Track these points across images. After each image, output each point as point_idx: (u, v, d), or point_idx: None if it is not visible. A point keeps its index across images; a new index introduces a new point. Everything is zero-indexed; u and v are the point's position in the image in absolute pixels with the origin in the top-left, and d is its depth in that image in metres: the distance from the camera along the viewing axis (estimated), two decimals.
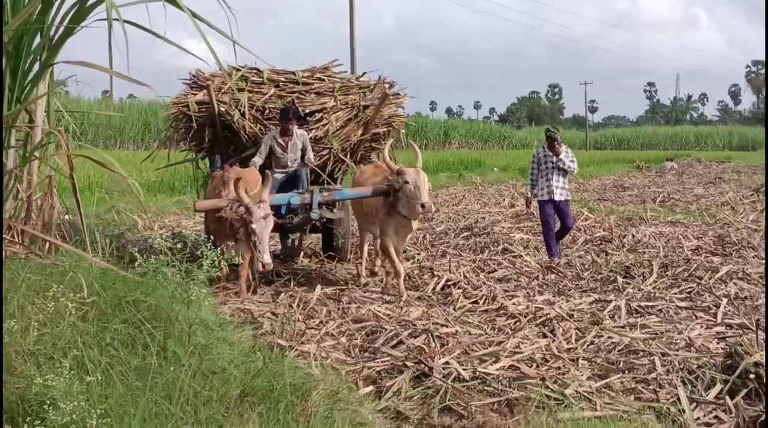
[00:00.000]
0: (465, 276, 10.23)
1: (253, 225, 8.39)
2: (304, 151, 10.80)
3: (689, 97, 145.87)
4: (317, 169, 10.88)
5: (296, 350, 6.58)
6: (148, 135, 48.34)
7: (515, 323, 8.04)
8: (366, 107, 11.52)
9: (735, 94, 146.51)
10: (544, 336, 7.48)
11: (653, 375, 6.17)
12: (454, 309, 8.64)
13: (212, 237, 8.64)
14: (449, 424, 5.47)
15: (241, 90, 11.27)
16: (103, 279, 5.45)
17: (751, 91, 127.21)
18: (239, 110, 10.91)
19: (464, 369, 6.32)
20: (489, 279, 10.24)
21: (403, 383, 6.12)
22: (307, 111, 11.34)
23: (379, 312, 8.36)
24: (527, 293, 9.34)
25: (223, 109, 10.86)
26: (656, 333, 7.50)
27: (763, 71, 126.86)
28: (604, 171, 38.63)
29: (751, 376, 5.61)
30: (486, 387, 6.08)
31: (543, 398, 5.78)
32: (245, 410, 4.56)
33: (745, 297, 8.90)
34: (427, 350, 6.78)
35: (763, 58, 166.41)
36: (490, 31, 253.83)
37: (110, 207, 15.10)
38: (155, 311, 4.92)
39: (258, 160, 10.54)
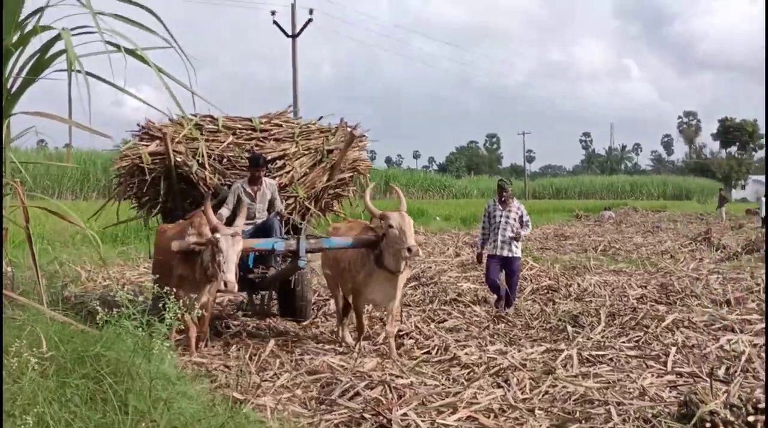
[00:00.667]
0: (416, 327, 10.26)
1: (220, 242, 7.78)
2: (272, 201, 10.17)
3: (623, 146, 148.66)
4: (294, 219, 10.39)
5: (252, 403, 6.51)
6: (86, 184, 47.62)
7: (469, 373, 8.07)
8: (330, 151, 10.98)
9: (668, 144, 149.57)
10: (499, 386, 7.50)
11: (610, 424, 6.26)
12: (408, 359, 8.65)
13: (173, 289, 8.18)
14: None
15: (195, 139, 10.57)
16: (61, 333, 5.35)
17: (683, 141, 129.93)
18: (197, 160, 10.24)
19: (423, 421, 6.33)
20: (440, 329, 10.27)
21: None
22: (269, 158, 10.61)
23: (333, 363, 8.31)
24: (479, 343, 9.39)
25: (179, 160, 10.15)
26: (609, 382, 7.59)
27: (694, 122, 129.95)
28: (545, 220, 39.01)
29: (707, 425, 5.69)
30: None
31: None
32: None
33: (693, 346, 9.05)
34: (384, 402, 6.75)
35: (694, 109, 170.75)
36: (425, 79, 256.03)
37: (53, 258, 14.81)
38: (116, 365, 4.85)
39: (225, 211, 9.79)
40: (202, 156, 10.27)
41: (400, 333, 9.88)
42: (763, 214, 33.13)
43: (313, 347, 9.36)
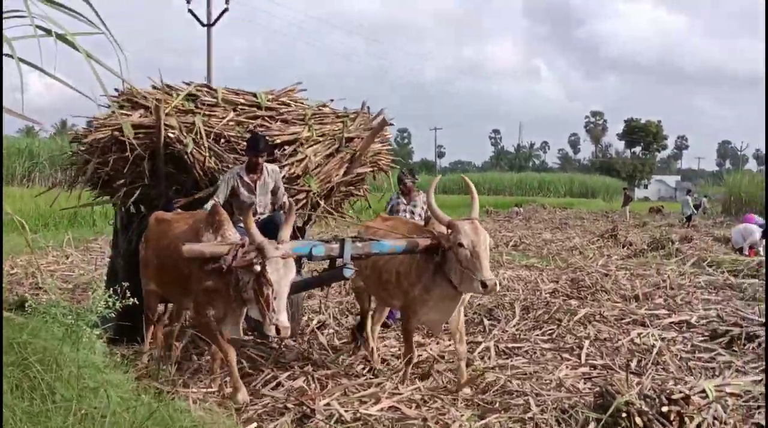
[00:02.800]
0: (334, 318, 10.30)
1: (268, 272, 5.95)
2: (275, 192, 8.41)
3: (532, 144, 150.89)
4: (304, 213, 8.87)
5: (176, 392, 6.46)
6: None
7: (389, 365, 8.15)
8: (349, 140, 9.41)
9: (574, 143, 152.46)
10: (421, 378, 7.61)
11: (529, 414, 6.40)
12: (329, 351, 8.69)
13: (200, 304, 6.64)
14: None
15: (189, 112, 8.95)
16: None
17: (590, 141, 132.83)
18: (193, 138, 8.54)
19: (346, 411, 6.38)
20: (358, 320, 10.32)
21: (285, 425, 6.13)
22: (277, 142, 8.93)
23: (253, 354, 8.30)
24: (397, 335, 9.47)
25: (172, 136, 8.45)
26: (527, 374, 7.78)
27: (601, 122, 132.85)
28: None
29: (623, 415, 5.87)
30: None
31: None
32: None
33: (605, 339, 9.31)
34: (308, 392, 6.80)
35: (600, 109, 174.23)
36: (340, 72, 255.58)
37: None
38: (43, 353, 4.77)
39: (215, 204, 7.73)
40: (199, 133, 8.64)
41: (319, 324, 9.92)
42: (687, 213, 34.14)
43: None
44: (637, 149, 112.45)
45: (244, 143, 8.50)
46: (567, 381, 7.42)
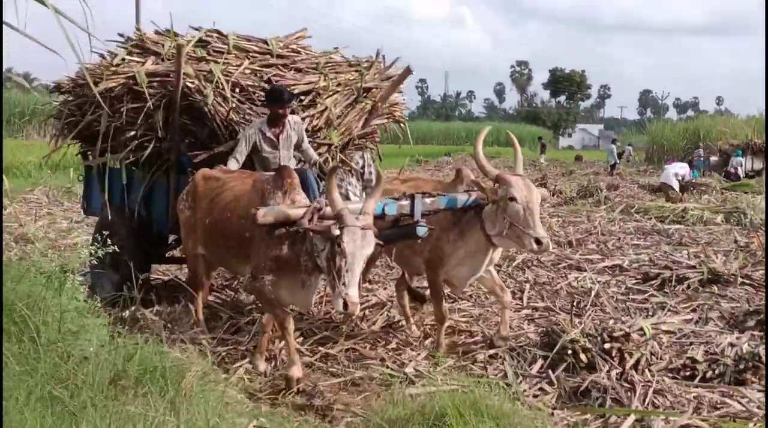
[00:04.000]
0: None
1: (344, 242, 5.38)
2: (298, 145, 7.95)
3: (458, 94, 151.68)
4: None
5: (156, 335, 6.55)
6: None
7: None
8: (367, 90, 8.95)
9: (500, 92, 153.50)
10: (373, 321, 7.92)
11: (481, 356, 6.77)
12: None
13: (267, 274, 6.07)
14: (301, 404, 5.79)
15: (202, 59, 8.45)
16: None
17: (515, 90, 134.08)
18: (214, 88, 7.95)
19: (306, 349, 6.77)
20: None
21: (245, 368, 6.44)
22: (295, 92, 8.23)
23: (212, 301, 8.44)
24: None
25: (191, 85, 7.90)
26: (473, 316, 8.16)
27: (526, 71, 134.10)
28: (386, 164, 39.48)
29: (569, 352, 6.28)
30: (330, 369, 6.50)
31: (386, 377, 6.25)
32: (119, 393, 4.70)
33: (544, 283, 9.74)
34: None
35: (525, 58, 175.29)
36: (257, 22, 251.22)
37: None
38: (29, 298, 4.94)
39: (234, 163, 7.56)
40: (220, 82, 8.03)
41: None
42: (611, 161, 34.96)
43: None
44: (562, 98, 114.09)
45: (261, 93, 8.17)
46: (513, 322, 7.80)
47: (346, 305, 5.29)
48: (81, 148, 9.24)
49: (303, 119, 8.11)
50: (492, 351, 6.80)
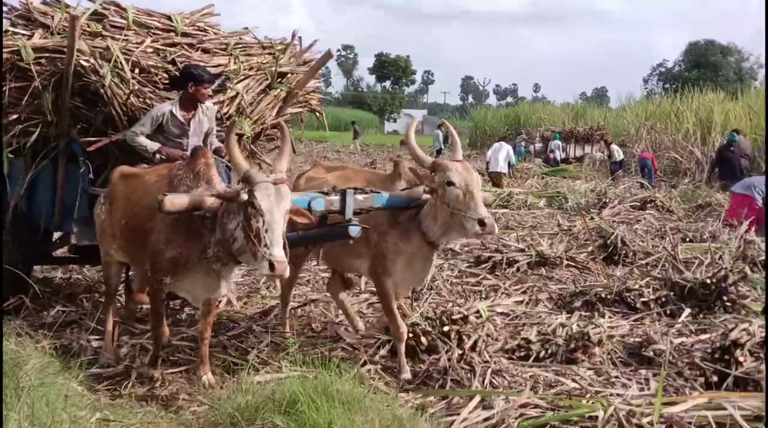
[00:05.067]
0: None
1: (257, 199, 4.93)
2: (207, 134, 7.34)
3: None
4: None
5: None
6: None
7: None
8: (282, 75, 8.23)
9: (325, 76, 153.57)
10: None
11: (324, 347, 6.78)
12: None
13: (164, 276, 5.59)
14: (143, 394, 5.71)
15: (97, 35, 7.50)
16: None
17: (341, 74, 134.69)
18: (112, 68, 7.07)
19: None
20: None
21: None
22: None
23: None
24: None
25: (85, 64, 7.02)
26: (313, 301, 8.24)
27: (352, 56, 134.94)
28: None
29: (410, 335, 6.39)
30: (171, 357, 6.41)
31: (228, 364, 6.22)
32: None
33: None
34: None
35: (351, 43, 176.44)
36: None
37: None
38: None
39: (142, 138, 6.93)
40: (119, 61, 7.13)
41: None
42: (437, 146, 35.65)
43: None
44: (387, 83, 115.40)
45: (164, 75, 7.46)
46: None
47: (272, 266, 4.83)
48: None
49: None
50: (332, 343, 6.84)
